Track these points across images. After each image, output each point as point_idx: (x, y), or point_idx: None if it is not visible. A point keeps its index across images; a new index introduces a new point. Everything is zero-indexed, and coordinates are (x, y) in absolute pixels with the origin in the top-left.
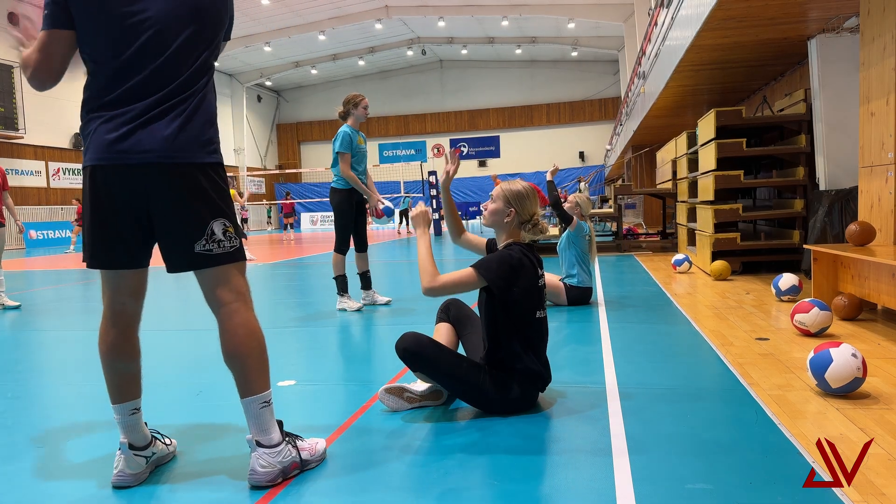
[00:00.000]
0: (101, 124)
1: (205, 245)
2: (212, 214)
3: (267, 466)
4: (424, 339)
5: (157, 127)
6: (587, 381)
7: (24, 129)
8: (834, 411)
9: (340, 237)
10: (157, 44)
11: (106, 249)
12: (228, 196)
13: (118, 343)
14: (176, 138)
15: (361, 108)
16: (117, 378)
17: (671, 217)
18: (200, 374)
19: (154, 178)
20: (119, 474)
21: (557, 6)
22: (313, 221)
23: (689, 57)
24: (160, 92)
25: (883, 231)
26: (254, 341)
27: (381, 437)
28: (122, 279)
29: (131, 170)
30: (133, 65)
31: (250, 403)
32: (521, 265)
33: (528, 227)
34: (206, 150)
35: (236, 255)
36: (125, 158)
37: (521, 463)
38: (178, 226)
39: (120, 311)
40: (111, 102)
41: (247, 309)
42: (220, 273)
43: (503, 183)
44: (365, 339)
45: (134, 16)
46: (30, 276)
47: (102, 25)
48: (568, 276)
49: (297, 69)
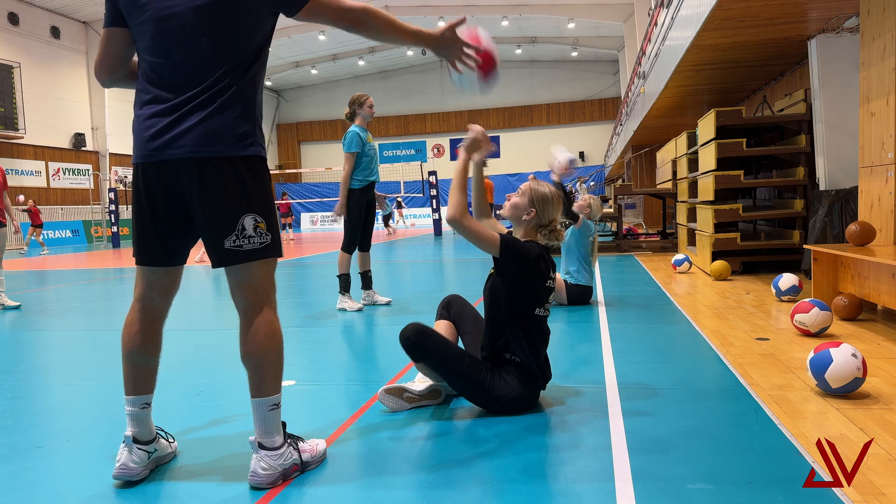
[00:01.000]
0: (140, 122)
1: (234, 241)
2: (243, 209)
3: (268, 469)
4: (428, 330)
5: (188, 122)
6: (587, 380)
7: (24, 129)
8: (834, 411)
9: (349, 237)
10: (185, 38)
11: (144, 246)
12: (265, 189)
13: (141, 336)
14: (207, 132)
15: (367, 107)
16: (135, 370)
17: (671, 217)
18: (200, 375)
19: (187, 174)
20: (121, 467)
21: (557, 6)
22: (313, 221)
23: (689, 57)
24: (191, 86)
25: (883, 231)
26: (273, 342)
27: (381, 437)
28: (155, 275)
29: (166, 166)
30: (164, 61)
31: (260, 405)
32: (537, 264)
33: (545, 231)
34: (242, 144)
35: (266, 252)
36: (159, 155)
37: (521, 462)
38: (210, 221)
39: (149, 305)
40: (148, 100)
41: (270, 309)
42: (247, 270)
43: (533, 182)
44: (365, 340)
45: (163, 11)
46: (29, 276)
47: (139, 22)
48: (568, 272)
49: (297, 69)
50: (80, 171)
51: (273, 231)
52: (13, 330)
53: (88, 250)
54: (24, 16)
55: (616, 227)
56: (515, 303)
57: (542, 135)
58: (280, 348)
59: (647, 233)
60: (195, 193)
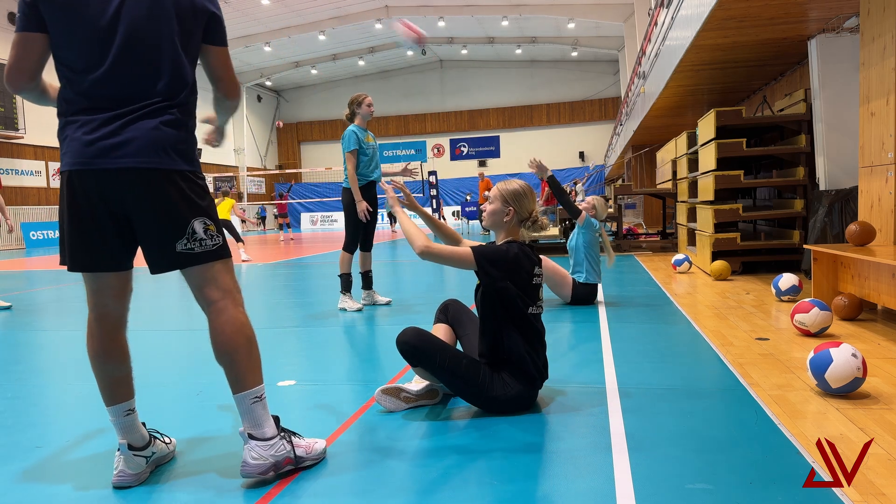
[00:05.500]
0: (77, 129)
1: (186, 244)
2: (192, 213)
3: (258, 458)
4: (425, 334)
5: (130, 132)
6: (587, 380)
7: (24, 129)
8: (834, 411)
9: (350, 236)
10: (131, 49)
11: (86, 252)
12: (208, 195)
13: (105, 345)
14: (150, 143)
15: (365, 106)
16: (108, 380)
17: (671, 217)
18: (200, 375)
19: (131, 183)
20: (119, 475)
21: (557, 6)
22: (313, 221)
23: (689, 57)
24: (136, 97)
25: (883, 231)
26: (241, 337)
27: (380, 437)
28: (103, 281)
29: (108, 174)
30: (107, 71)
31: (242, 399)
32: (517, 261)
33: (528, 224)
34: (185, 158)
35: (220, 253)
36: (101, 163)
37: (521, 462)
38: (158, 226)
39: (104, 313)
40: (86, 108)
41: (234, 305)
42: (205, 271)
43: (500, 183)
44: (365, 340)
45: (105, 20)
46: (29, 276)
47: (67, 29)
48: (575, 271)
49: (297, 69)
50: None
51: (222, 233)
52: (13, 330)
53: None
54: None
55: (616, 227)
56: (507, 306)
57: (541, 135)
58: (250, 342)
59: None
60: (140, 202)
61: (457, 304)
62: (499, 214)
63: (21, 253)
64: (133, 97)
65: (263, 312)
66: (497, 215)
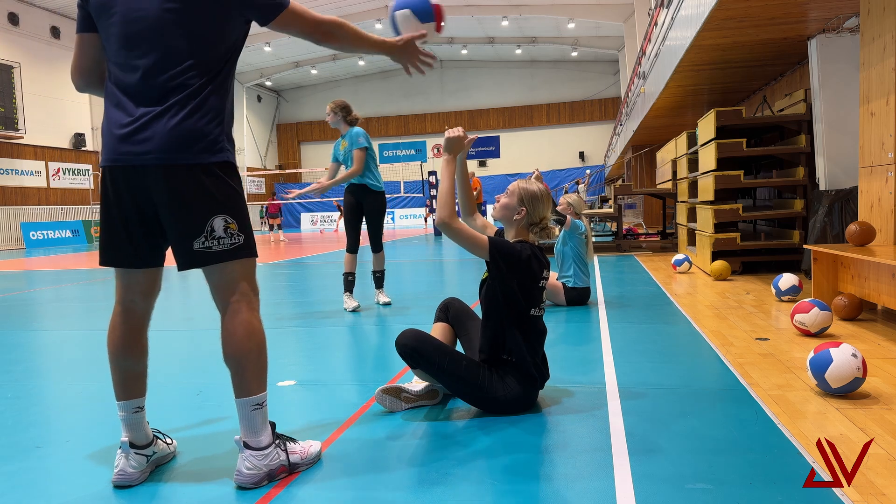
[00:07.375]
0: (109, 125)
1: (204, 242)
2: (211, 211)
3: (252, 469)
4: (424, 335)
5: (157, 126)
6: (587, 380)
7: (24, 129)
8: (834, 411)
9: (347, 235)
10: (154, 41)
11: (115, 248)
12: (235, 192)
13: (126, 340)
14: (175, 137)
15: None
16: (123, 375)
17: (671, 217)
18: (200, 375)
19: (154, 179)
20: (119, 473)
21: (557, 6)
22: (313, 221)
23: (689, 57)
24: (159, 90)
25: (883, 231)
26: (252, 343)
27: (380, 437)
28: (132, 277)
29: (135, 170)
30: (130, 65)
31: (243, 405)
32: (528, 263)
33: (537, 229)
34: (211, 150)
35: (239, 252)
36: (127, 159)
37: (521, 462)
38: (177, 224)
39: (130, 308)
40: (116, 104)
41: (249, 309)
42: (222, 271)
43: (521, 181)
44: (364, 340)
45: (132, 13)
46: (29, 276)
47: (107, 25)
48: (564, 276)
49: (297, 69)
50: (80, 171)
51: (246, 232)
52: (13, 330)
53: (88, 250)
54: (24, 16)
55: (616, 227)
56: (511, 304)
57: (541, 135)
58: (260, 348)
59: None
60: (163, 197)
61: (458, 302)
62: (510, 210)
63: (21, 253)
64: (160, 90)
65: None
66: (509, 210)
